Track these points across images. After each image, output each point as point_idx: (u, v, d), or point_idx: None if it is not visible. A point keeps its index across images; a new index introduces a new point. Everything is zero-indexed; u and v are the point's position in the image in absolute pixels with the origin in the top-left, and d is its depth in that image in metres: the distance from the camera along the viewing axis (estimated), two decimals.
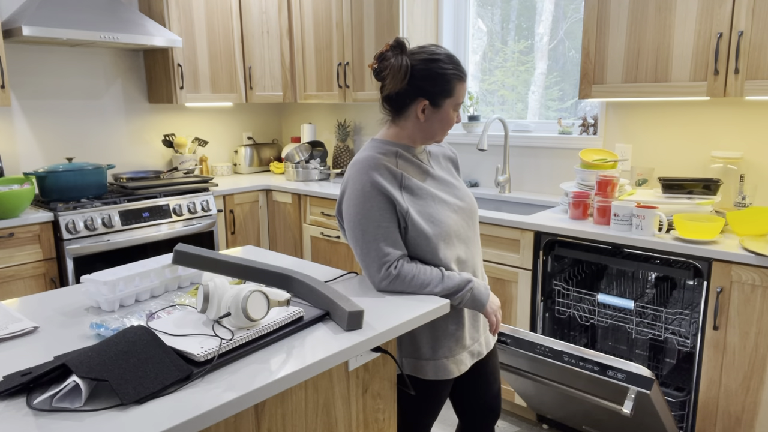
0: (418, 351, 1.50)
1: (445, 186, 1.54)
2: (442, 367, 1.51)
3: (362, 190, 1.41)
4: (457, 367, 1.53)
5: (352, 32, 3.23)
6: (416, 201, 1.45)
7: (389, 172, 1.43)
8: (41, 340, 1.20)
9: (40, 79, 3.08)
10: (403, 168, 1.47)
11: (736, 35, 1.97)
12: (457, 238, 1.49)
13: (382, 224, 1.41)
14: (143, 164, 3.56)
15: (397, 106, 1.48)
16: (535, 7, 2.96)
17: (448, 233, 1.46)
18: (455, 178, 1.61)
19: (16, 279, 2.53)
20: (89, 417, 0.90)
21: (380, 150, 1.48)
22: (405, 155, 1.50)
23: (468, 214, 1.55)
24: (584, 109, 2.86)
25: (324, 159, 3.74)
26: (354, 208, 1.43)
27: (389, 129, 1.53)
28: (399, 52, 1.42)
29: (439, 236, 1.45)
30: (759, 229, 1.94)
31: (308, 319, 1.26)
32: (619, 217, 2.08)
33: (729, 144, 2.32)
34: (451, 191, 1.54)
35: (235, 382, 1.01)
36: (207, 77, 3.44)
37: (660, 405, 1.70)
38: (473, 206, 1.58)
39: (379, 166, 1.43)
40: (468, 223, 1.54)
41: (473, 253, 1.56)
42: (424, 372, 1.50)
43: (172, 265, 1.48)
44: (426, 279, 1.41)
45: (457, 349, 1.52)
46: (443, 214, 1.47)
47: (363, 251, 1.43)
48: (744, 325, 1.85)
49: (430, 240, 1.44)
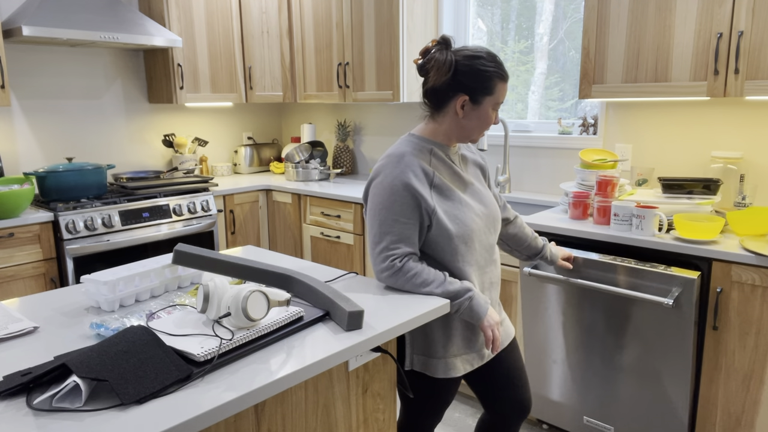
0: (430, 348, 1.51)
1: (473, 190, 1.55)
2: (451, 366, 1.52)
3: (391, 185, 1.43)
4: (463, 366, 1.54)
5: (352, 32, 3.23)
6: (443, 201, 1.46)
7: (422, 170, 1.45)
8: (41, 340, 1.20)
9: (40, 79, 3.08)
10: (435, 167, 1.49)
11: (736, 35, 1.97)
12: (479, 243, 1.50)
13: (400, 220, 1.42)
14: (143, 164, 3.56)
15: (437, 100, 1.49)
16: (535, 7, 2.96)
17: (470, 236, 1.47)
18: (483, 184, 1.62)
19: (16, 279, 2.53)
20: (89, 417, 0.90)
21: (416, 146, 1.49)
22: (439, 154, 1.51)
23: (491, 222, 1.55)
24: (584, 109, 2.86)
25: (324, 159, 3.74)
26: (378, 197, 1.45)
27: (427, 125, 1.54)
28: (444, 48, 1.45)
29: (461, 237, 1.45)
30: (759, 229, 1.94)
31: (308, 319, 1.26)
32: (619, 217, 2.08)
33: (729, 144, 2.33)
34: (477, 196, 1.55)
35: (235, 382, 1.01)
36: (207, 77, 3.44)
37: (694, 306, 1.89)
38: (497, 214, 1.59)
39: (413, 163, 1.44)
40: (490, 230, 1.55)
41: (492, 260, 1.57)
42: (434, 370, 1.51)
43: (172, 265, 1.48)
44: (427, 279, 1.42)
45: (466, 348, 1.54)
46: (468, 216, 1.47)
47: (374, 240, 1.45)
48: (744, 325, 1.85)
49: (451, 239, 1.44)
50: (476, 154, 1.68)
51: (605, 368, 2.17)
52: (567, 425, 2.32)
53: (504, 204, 1.79)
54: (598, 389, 2.20)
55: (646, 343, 2.04)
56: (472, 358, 1.56)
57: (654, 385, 2.05)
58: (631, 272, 2.00)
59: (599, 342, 2.17)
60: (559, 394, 2.32)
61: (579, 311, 2.19)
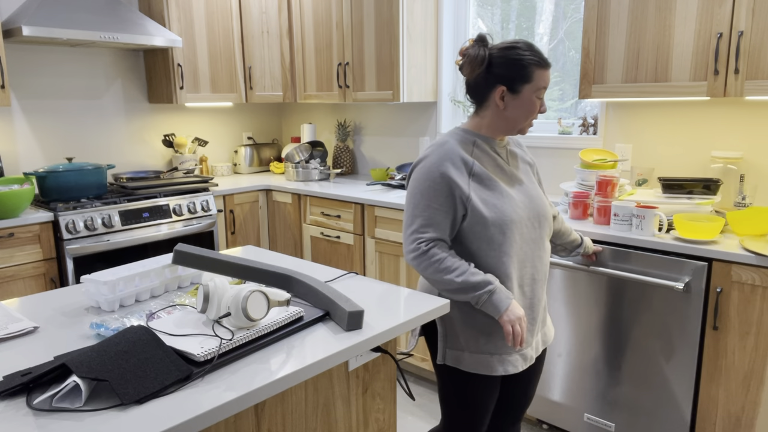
0: (461, 342, 1.51)
1: (517, 183, 1.54)
2: (484, 362, 1.50)
3: (428, 171, 1.45)
4: (503, 366, 1.51)
5: (352, 32, 3.23)
6: (482, 189, 1.46)
7: (462, 159, 1.47)
8: (41, 340, 1.20)
9: (40, 79, 3.08)
10: (477, 157, 1.50)
11: (736, 35, 1.97)
12: (519, 235, 1.48)
13: (432, 205, 1.44)
14: (143, 164, 3.56)
15: (477, 95, 1.52)
16: (535, 7, 2.96)
17: (508, 225, 1.45)
18: (531, 181, 1.60)
19: (16, 279, 2.53)
20: (89, 417, 0.90)
21: (459, 137, 1.52)
22: (482, 146, 1.52)
23: (536, 217, 1.53)
24: (584, 109, 2.86)
25: (324, 159, 3.74)
26: (415, 182, 1.48)
27: (472, 119, 1.56)
28: (479, 44, 1.47)
29: (497, 225, 1.44)
30: (759, 229, 1.94)
31: (308, 319, 1.26)
32: (619, 217, 2.08)
33: (729, 144, 2.33)
34: (522, 189, 1.54)
35: (235, 382, 1.01)
36: (207, 77, 3.44)
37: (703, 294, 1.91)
38: (544, 211, 1.56)
39: (453, 154, 1.47)
40: (534, 224, 1.53)
41: (537, 255, 1.54)
42: (466, 364, 1.50)
43: (172, 265, 1.48)
44: (450, 266, 1.42)
45: (505, 347, 1.51)
46: (507, 206, 1.46)
47: (407, 222, 1.48)
48: (744, 325, 1.85)
49: (487, 227, 1.44)
50: (527, 153, 1.68)
51: (607, 364, 2.17)
52: (567, 424, 2.32)
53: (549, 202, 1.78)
54: (599, 386, 2.20)
55: (651, 337, 2.04)
56: (514, 360, 1.52)
57: (657, 381, 2.05)
58: (641, 259, 2.02)
59: (603, 336, 2.17)
60: (560, 392, 2.32)
61: (585, 302, 2.19)
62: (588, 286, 2.16)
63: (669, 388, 2.01)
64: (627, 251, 2.05)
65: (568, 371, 2.27)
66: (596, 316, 2.15)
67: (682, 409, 2.00)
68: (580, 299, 2.19)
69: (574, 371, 2.25)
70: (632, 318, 2.06)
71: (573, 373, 2.26)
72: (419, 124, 3.45)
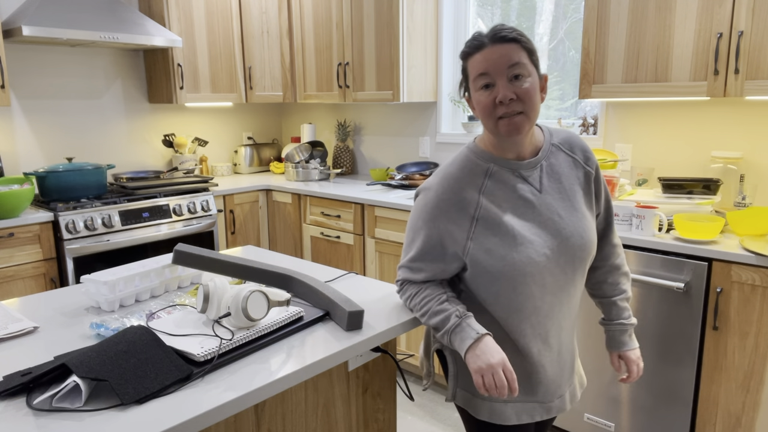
0: (473, 385, 1.29)
1: (547, 218, 1.21)
2: (498, 411, 1.27)
3: (422, 211, 1.23)
4: (517, 416, 1.28)
5: (352, 32, 3.23)
6: (488, 236, 1.19)
7: (464, 202, 1.20)
8: (41, 340, 1.20)
9: (40, 79, 3.08)
10: (488, 192, 1.21)
11: (736, 35, 1.97)
12: (539, 286, 1.20)
13: (416, 246, 1.25)
14: (143, 164, 3.56)
15: None
16: (535, 7, 2.96)
17: (520, 278, 1.18)
18: (573, 205, 1.25)
19: (16, 279, 2.53)
20: (89, 417, 0.90)
21: (471, 164, 1.23)
22: (500, 175, 1.22)
23: (568, 258, 1.22)
24: (584, 109, 2.86)
25: (324, 159, 3.74)
26: (412, 215, 1.28)
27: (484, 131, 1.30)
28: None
29: (505, 278, 1.18)
30: (759, 229, 1.94)
31: (308, 319, 1.26)
32: (619, 217, 2.08)
33: (729, 144, 2.32)
34: (552, 226, 1.21)
35: (235, 382, 1.01)
36: (207, 77, 3.44)
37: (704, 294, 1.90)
38: (582, 247, 1.23)
39: (456, 192, 1.20)
40: (565, 269, 1.22)
41: (565, 301, 1.25)
42: (477, 410, 1.29)
43: (172, 265, 1.48)
44: (416, 304, 1.26)
45: (523, 394, 1.27)
46: (522, 255, 1.17)
47: (403, 251, 1.31)
48: (744, 325, 1.85)
49: (493, 279, 1.19)
50: (580, 156, 1.29)
51: (607, 364, 2.17)
52: (567, 424, 2.32)
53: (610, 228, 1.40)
54: (599, 386, 2.20)
55: (651, 337, 2.04)
56: (531, 408, 1.28)
57: (657, 381, 2.05)
58: (641, 259, 2.02)
59: (603, 336, 2.17)
60: None
61: (585, 302, 2.19)
62: None
63: (669, 388, 2.01)
64: (627, 251, 2.05)
65: None
66: (596, 315, 2.15)
67: (682, 409, 2.00)
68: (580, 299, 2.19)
69: None
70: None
71: None
72: (419, 124, 3.45)
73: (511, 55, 1.14)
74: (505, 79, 1.14)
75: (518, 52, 1.15)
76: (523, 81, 1.15)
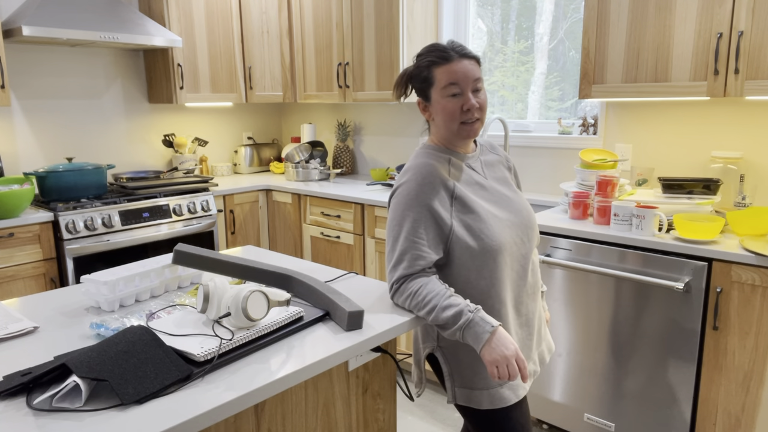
0: (470, 381, 1.39)
1: (499, 198, 1.43)
2: (497, 396, 1.38)
3: (409, 201, 1.34)
4: (514, 392, 1.40)
5: (352, 32, 3.23)
6: (464, 214, 1.35)
7: (443, 184, 1.35)
8: (41, 340, 1.20)
9: (40, 79, 3.08)
10: (454, 177, 1.39)
11: (736, 35, 1.97)
12: (509, 256, 1.37)
13: (411, 237, 1.32)
14: (143, 164, 3.56)
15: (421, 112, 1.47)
16: (535, 7, 2.96)
17: (497, 250, 1.34)
18: (511, 189, 1.49)
19: (16, 279, 2.53)
20: (89, 417, 0.90)
21: (434, 156, 1.40)
22: (457, 163, 1.42)
23: (523, 230, 1.42)
24: (584, 109, 2.86)
25: (324, 159, 3.74)
26: (395, 212, 1.36)
27: (430, 135, 1.48)
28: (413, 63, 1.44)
29: (485, 252, 1.33)
30: (759, 229, 1.94)
31: (308, 319, 1.26)
32: (619, 217, 2.08)
33: (729, 144, 2.33)
34: (505, 204, 1.42)
35: (235, 382, 1.01)
36: (207, 77, 3.44)
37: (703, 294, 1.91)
38: (530, 221, 1.45)
39: (435, 177, 1.35)
40: (523, 239, 1.41)
41: (528, 269, 1.43)
42: (478, 402, 1.39)
43: (172, 265, 1.48)
44: (421, 301, 1.29)
45: None
46: (494, 230, 1.35)
47: (387, 258, 1.38)
48: (744, 325, 1.85)
49: (474, 255, 1.33)
50: (501, 156, 1.55)
51: (607, 364, 2.17)
52: (567, 424, 2.32)
53: None
54: (599, 386, 2.20)
55: (651, 337, 2.04)
56: (516, 386, 1.41)
57: (657, 381, 2.05)
58: (641, 259, 2.02)
59: (603, 336, 2.17)
60: (560, 392, 2.32)
61: (585, 302, 2.19)
62: (588, 286, 2.16)
63: (669, 388, 2.01)
64: (627, 251, 2.05)
65: (568, 371, 2.27)
66: (596, 316, 2.15)
67: (682, 409, 2.00)
68: (580, 299, 2.19)
69: (575, 371, 2.25)
70: (632, 318, 2.06)
71: (573, 373, 2.26)
72: (419, 124, 3.45)
73: (474, 71, 1.36)
74: (470, 91, 1.36)
75: (478, 68, 1.38)
76: (481, 93, 1.39)
